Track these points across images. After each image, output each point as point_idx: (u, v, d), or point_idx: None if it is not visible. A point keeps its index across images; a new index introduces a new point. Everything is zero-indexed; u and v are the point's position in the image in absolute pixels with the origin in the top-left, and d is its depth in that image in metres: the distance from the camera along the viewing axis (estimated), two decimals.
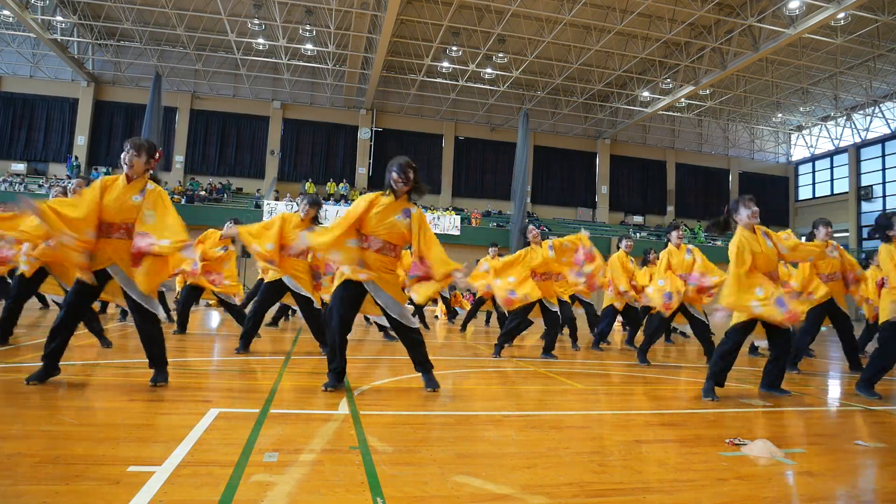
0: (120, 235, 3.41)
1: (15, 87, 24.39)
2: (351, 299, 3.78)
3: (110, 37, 23.01)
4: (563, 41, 20.68)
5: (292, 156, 26.62)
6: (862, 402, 4.15)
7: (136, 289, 3.41)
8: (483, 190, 28.29)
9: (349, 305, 3.78)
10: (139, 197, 3.42)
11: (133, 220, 3.42)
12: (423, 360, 3.92)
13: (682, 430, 3.15)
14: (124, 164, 3.44)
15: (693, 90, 22.36)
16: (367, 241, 3.79)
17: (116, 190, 3.43)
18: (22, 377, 3.50)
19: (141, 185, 3.46)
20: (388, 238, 3.78)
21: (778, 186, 32.02)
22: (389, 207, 3.78)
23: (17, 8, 17.87)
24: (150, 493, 1.79)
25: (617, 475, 2.23)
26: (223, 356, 5.13)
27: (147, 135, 20.03)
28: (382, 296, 3.76)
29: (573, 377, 4.95)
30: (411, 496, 1.91)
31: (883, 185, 27.26)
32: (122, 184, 3.45)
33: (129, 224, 3.42)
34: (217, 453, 2.23)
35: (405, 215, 3.80)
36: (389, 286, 3.78)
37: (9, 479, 1.87)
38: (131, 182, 3.46)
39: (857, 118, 28.01)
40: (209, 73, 25.07)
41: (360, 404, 3.28)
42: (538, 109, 27.14)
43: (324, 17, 20.08)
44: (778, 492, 2.21)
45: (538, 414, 3.42)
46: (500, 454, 2.46)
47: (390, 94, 26.80)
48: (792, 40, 18.06)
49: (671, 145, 30.95)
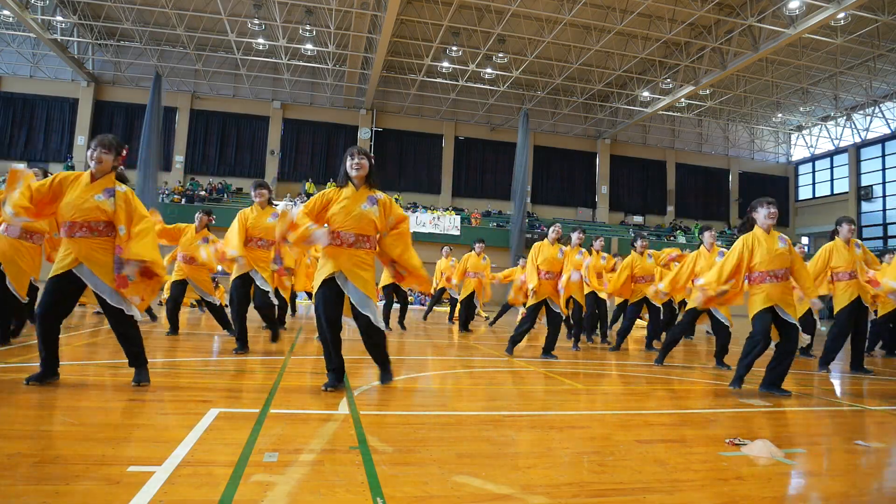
0: (83, 234, 3.32)
1: (15, 87, 24.38)
2: (333, 297, 3.73)
3: (110, 37, 23.01)
4: (563, 41, 20.68)
5: (292, 156, 26.61)
6: (861, 402, 4.15)
7: (107, 288, 3.33)
8: (483, 190, 28.28)
9: (332, 304, 3.72)
10: (103, 196, 3.34)
11: (96, 219, 3.33)
12: (384, 359, 3.96)
13: (682, 430, 3.14)
14: (91, 161, 3.37)
15: (693, 90, 22.36)
16: (338, 238, 3.70)
17: (78, 188, 3.35)
18: (22, 377, 3.50)
19: (106, 183, 3.39)
20: (358, 230, 3.70)
21: (778, 186, 32.00)
22: (353, 198, 3.73)
23: (17, 8, 17.86)
24: (150, 493, 1.79)
25: (617, 475, 2.23)
26: (223, 356, 5.13)
27: (147, 135, 20.07)
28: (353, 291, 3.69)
29: (573, 377, 4.95)
30: (411, 496, 1.91)
31: (883, 185, 27.26)
32: (85, 181, 3.37)
33: (90, 222, 3.32)
34: (217, 453, 2.23)
35: (371, 203, 3.74)
36: (361, 281, 3.69)
37: (9, 479, 1.87)
38: (96, 181, 3.39)
39: (857, 118, 28.01)
40: (209, 73, 25.07)
41: (360, 404, 3.27)
42: (538, 109, 27.13)
43: (324, 17, 20.07)
44: (778, 492, 2.21)
45: (538, 414, 3.42)
46: (500, 454, 2.46)
47: (390, 94, 26.79)
48: (792, 40, 18.05)
49: (671, 145, 30.94)
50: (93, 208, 3.32)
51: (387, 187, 26.34)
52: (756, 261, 4.40)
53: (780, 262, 4.35)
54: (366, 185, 3.80)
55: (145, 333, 6.81)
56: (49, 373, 3.36)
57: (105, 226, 3.37)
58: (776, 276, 4.35)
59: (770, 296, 4.33)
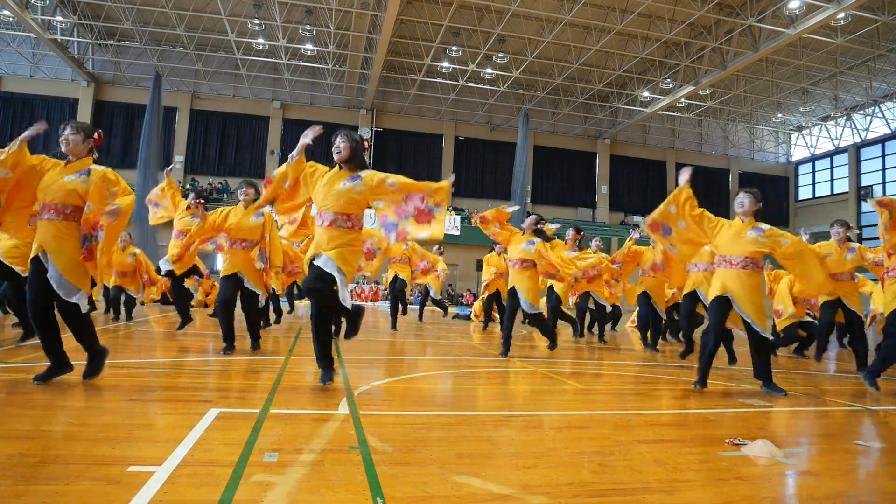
0: (50, 216, 3.31)
1: (15, 87, 24.38)
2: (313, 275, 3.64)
3: (110, 37, 23.01)
4: (563, 41, 20.68)
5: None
6: (861, 402, 4.15)
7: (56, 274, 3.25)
8: (483, 190, 28.27)
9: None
10: (74, 176, 3.34)
11: (64, 202, 3.31)
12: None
13: (682, 430, 3.15)
14: (62, 143, 3.39)
15: (693, 90, 22.36)
16: (320, 217, 3.67)
17: (54, 171, 3.39)
18: (22, 377, 3.50)
19: (80, 167, 3.40)
20: (338, 209, 3.63)
21: (778, 186, 32.02)
22: (335, 177, 3.72)
23: (17, 8, 17.86)
24: (150, 493, 1.79)
25: (617, 475, 2.23)
26: (223, 356, 5.12)
27: (147, 135, 20.06)
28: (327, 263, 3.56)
29: (573, 377, 4.95)
30: (411, 496, 1.91)
31: (883, 185, 27.25)
32: (60, 166, 3.42)
33: (58, 204, 3.31)
34: (217, 453, 2.23)
35: (353, 180, 3.67)
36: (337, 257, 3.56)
37: (9, 479, 1.87)
38: (69, 164, 3.42)
39: (857, 118, 28.01)
40: (209, 73, 25.07)
41: (360, 404, 3.27)
42: (538, 109, 27.14)
43: (324, 17, 20.08)
44: (778, 492, 2.21)
45: (538, 414, 3.42)
46: (500, 454, 2.46)
47: (390, 94, 26.80)
48: (792, 40, 18.06)
49: (671, 145, 30.95)
50: (63, 189, 3.31)
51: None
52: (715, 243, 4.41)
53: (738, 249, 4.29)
54: (348, 167, 3.74)
55: (147, 334, 6.81)
56: (56, 370, 3.34)
57: (73, 210, 3.34)
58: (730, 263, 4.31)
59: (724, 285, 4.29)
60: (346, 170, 3.74)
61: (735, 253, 4.30)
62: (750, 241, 4.29)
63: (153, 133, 20.02)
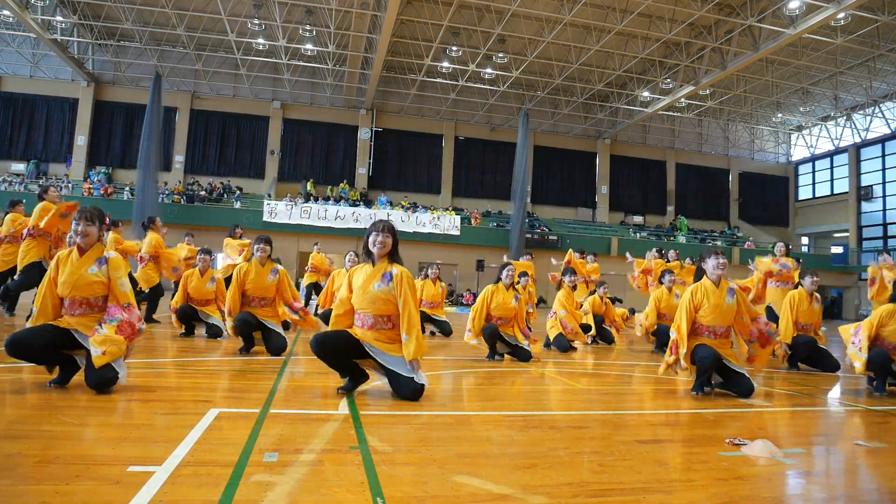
0: (83, 311, 3.31)
1: (15, 87, 24.36)
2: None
3: (110, 37, 23.00)
4: (563, 41, 20.67)
5: (292, 156, 26.60)
6: (861, 402, 4.15)
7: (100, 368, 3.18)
8: (483, 190, 28.27)
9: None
10: (95, 268, 3.33)
11: (94, 295, 3.31)
12: None
13: (682, 430, 3.15)
14: (76, 235, 3.34)
15: (693, 90, 22.35)
16: (359, 319, 3.58)
17: (70, 264, 3.32)
18: (22, 377, 3.50)
19: (97, 254, 3.38)
20: (375, 311, 3.52)
21: (778, 186, 32.01)
22: (369, 276, 3.54)
23: (17, 8, 17.85)
24: (150, 493, 1.80)
25: (617, 475, 2.23)
26: (223, 356, 5.13)
27: (147, 135, 20.04)
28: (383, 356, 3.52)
29: (573, 377, 4.95)
30: (411, 496, 1.91)
31: (883, 185, 27.26)
32: (75, 258, 3.34)
33: (88, 299, 3.31)
34: (217, 453, 2.23)
35: (385, 282, 3.50)
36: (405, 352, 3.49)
37: (9, 479, 1.87)
38: (84, 254, 3.36)
39: (857, 118, 27.99)
40: (209, 73, 25.06)
41: (360, 404, 3.27)
42: (538, 109, 27.13)
43: (324, 17, 20.07)
44: (778, 492, 2.21)
45: (538, 414, 3.42)
46: (500, 454, 2.46)
47: (390, 94, 26.79)
48: (792, 40, 18.05)
49: (671, 145, 30.94)
50: (88, 283, 3.31)
51: (387, 188, 26.41)
52: (700, 314, 4.23)
53: (723, 319, 4.20)
54: (386, 259, 3.59)
55: (147, 334, 6.81)
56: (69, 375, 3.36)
57: (104, 300, 3.37)
58: (715, 334, 4.21)
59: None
60: (381, 265, 3.57)
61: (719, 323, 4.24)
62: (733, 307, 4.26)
63: (153, 133, 20.00)
